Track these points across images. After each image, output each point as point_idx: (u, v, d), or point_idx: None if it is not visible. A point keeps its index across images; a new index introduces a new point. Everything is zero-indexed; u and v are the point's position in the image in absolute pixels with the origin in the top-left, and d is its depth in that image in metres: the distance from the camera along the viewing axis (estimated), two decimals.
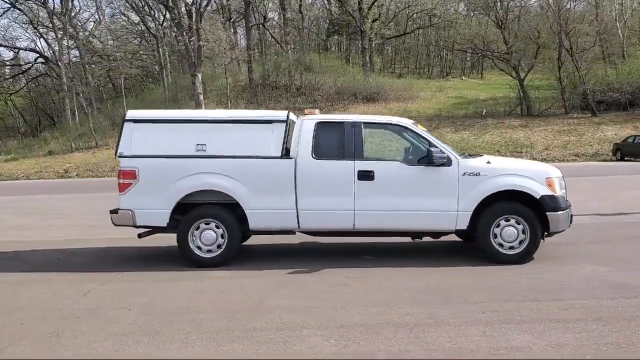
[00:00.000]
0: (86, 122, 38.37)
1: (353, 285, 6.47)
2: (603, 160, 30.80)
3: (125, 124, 7.65)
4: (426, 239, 7.99)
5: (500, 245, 7.38)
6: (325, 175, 7.46)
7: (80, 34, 46.44)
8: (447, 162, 7.36)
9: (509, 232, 7.35)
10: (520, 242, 7.37)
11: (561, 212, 7.37)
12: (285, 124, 7.57)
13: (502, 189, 7.33)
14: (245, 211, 7.44)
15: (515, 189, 7.34)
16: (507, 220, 7.37)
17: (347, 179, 7.41)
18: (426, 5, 51.35)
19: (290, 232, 7.83)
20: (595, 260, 7.45)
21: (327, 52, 53.00)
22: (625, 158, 29.42)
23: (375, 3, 47.30)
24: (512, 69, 39.61)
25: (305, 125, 7.60)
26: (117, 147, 7.61)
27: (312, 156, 7.46)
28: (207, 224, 7.51)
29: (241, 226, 7.55)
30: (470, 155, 8.43)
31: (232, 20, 43.15)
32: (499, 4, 40.26)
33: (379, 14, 49.70)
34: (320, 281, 6.66)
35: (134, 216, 7.50)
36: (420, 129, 7.73)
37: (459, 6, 53.92)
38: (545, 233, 7.48)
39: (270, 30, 49.80)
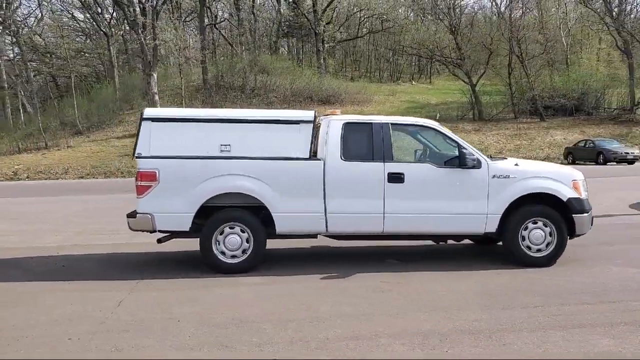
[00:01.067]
0: (32, 122, 36.64)
1: (395, 290, 6.31)
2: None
3: (143, 122, 7.24)
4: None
5: (528, 247, 7.39)
6: (354, 177, 7.27)
7: (22, 30, 44.29)
8: (477, 164, 7.32)
9: (536, 234, 7.37)
10: (547, 245, 7.40)
11: (586, 214, 7.46)
12: (312, 124, 7.35)
13: (531, 192, 7.35)
14: (272, 214, 7.16)
15: (545, 191, 7.37)
16: (535, 222, 7.39)
17: (377, 181, 7.25)
18: (377, 9, 51.80)
19: (314, 236, 7.63)
20: (616, 261, 7.57)
21: (277, 54, 52.73)
22: (577, 162, 30.48)
23: (329, 6, 47.39)
24: (464, 74, 40.43)
25: (333, 126, 7.39)
26: (134, 147, 7.18)
27: (341, 158, 7.26)
28: (231, 228, 7.19)
29: (266, 230, 7.27)
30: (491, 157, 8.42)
31: (184, 20, 42.24)
32: (452, 10, 41.04)
33: (332, 17, 49.81)
34: (359, 286, 6.47)
35: (154, 220, 7.10)
36: (447, 131, 7.65)
37: (409, 12, 54.63)
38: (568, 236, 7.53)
39: (221, 31, 49.05)
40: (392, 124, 7.54)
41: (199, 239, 7.23)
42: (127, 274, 7.21)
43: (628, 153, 29.62)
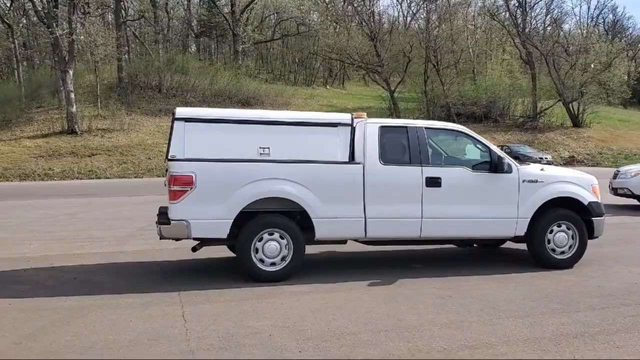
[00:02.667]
0: None
1: (453, 296, 6.26)
2: None
3: (176, 122, 6.75)
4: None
5: (553, 250, 7.64)
6: (393, 181, 7.19)
7: None
8: (509, 169, 7.47)
9: (560, 237, 7.63)
10: (570, 247, 7.68)
11: (603, 217, 7.83)
12: (351, 127, 7.19)
13: (557, 196, 7.61)
14: (313, 220, 6.92)
15: (570, 195, 7.65)
16: (559, 226, 7.65)
17: (416, 185, 7.22)
18: (292, 13, 51.87)
19: (344, 241, 7.50)
20: (632, 262, 7.99)
21: (190, 54, 51.43)
22: None
23: (248, 7, 46.86)
24: (383, 80, 41.39)
25: (369, 129, 7.27)
26: (167, 148, 6.68)
27: (380, 162, 7.16)
28: (270, 234, 6.87)
29: (305, 236, 7.02)
30: None
31: (98, 16, 40.11)
32: (372, 18, 41.92)
33: (247, 18, 49.28)
34: (415, 293, 6.37)
35: (189, 227, 6.63)
36: (477, 135, 7.75)
37: (323, 18, 55.06)
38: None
39: (133, 29, 47.07)
40: (425, 127, 7.54)
41: (235, 246, 6.89)
42: (157, 286, 6.69)
43: (542, 158, 31.59)
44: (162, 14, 46.24)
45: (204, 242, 7.02)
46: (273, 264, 6.88)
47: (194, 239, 6.82)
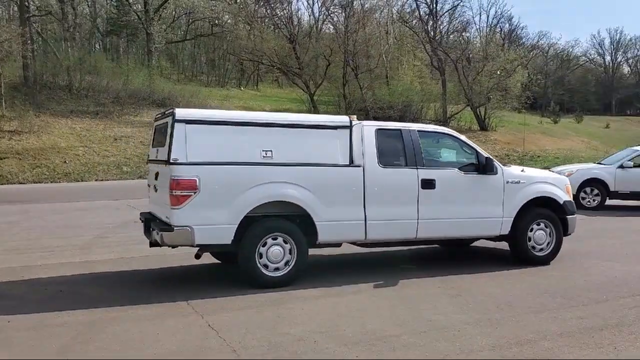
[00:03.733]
0: None
1: (462, 294, 6.42)
2: None
3: (176, 125, 6.47)
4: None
5: (533, 247, 8.01)
6: (391, 184, 7.27)
7: None
8: (495, 170, 7.76)
9: (539, 235, 8.03)
10: (548, 244, 8.09)
11: (575, 215, 8.31)
12: (350, 129, 7.19)
13: (537, 196, 8.00)
14: (316, 223, 6.86)
15: (548, 195, 8.06)
16: (538, 224, 8.04)
17: (412, 187, 7.34)
18: (206, 13, 50.94)
19: (339, 244, 7.52)
20: (598, 256, 8.52)
21: (96, 53, 49.18)
22: None
23: (162, 6, 45.49)
24: (303, 83, 41.54)
25: (367, 131, 7.31)
26: (169, 151, 6.39)
27: (379, 164, 7.21)
28: (274, 239, 6.74)
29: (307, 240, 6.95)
30: None
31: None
32: (291, 20, 41.95)
33: (160, 17, 47.82)
34: (427, 294, 6.48)
35: (193, 234, 6.37)
36: (465, 138, 7.99)
37: (237, 19, 54.45)
38: None
39: (37, 26, 44.35)
40: (418, 130, 7.68)
41: (238, 251, 6.70)
42: (159, 295, 6.36)
43: None
44: (69, 10, 43.92)
45: (204, 248, 6.76)
46: (277, 269, 6.75)
47: (197, 245, 6.54)
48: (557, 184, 8.25)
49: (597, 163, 15.87)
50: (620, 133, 68.97)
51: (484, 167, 7.68)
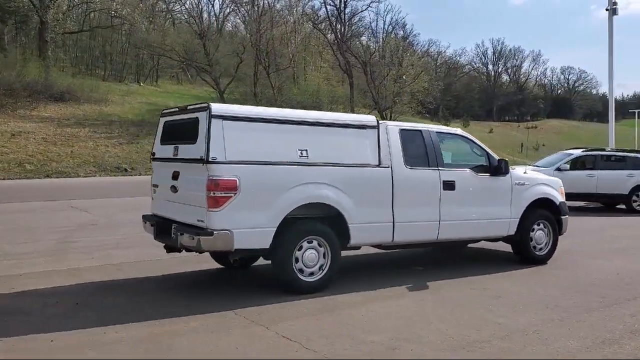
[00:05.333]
0: None
1: (503, 296, 6.43)
2: None
3: (213, 120, 5.99)
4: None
5: (534, 247, 8.27)
6: (417, 185, 7.21)
7: None
8: (507, 172, 7.92)
9: (539, 235, 8.31)
10: (546, 244, 8.38)
11: (568, 216, 8.67)
12: (377, 129, 7.03)
13: (539, 197, 8.25)
14: (349, 225, 6.64)
15: (548, 197, 8.35)
16: (538, 224, 8.30)
17: (435, 188, 7.32)
18: (106, 4, 48.44)
19: (358, 247, 7.33)
20: (589, 254, 8.95)
21: None
22: None
23: None
24: (213, 80, 40.59)
25: (391, 131, 7.19)
26: (207, 149, 5.89)
27: (405, 165, 7.12)
28: (309, 242, 6.44)
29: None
30: None
31: None
32: (201, 15, 40.81)
33: (55, 4, 44.73)
34: (467, 295, 6.48)
35: (233, 237, 5.94)
36: (476, 140, 8.07)
37: (135, 11, 52.15)
38: None
39: None
40: (436, 131, 7.67)
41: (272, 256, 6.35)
42: (196, 305, 5.86)
43: None
44: None
45: (240, 253, 6.30)
46: (312, 273, 6.45)
47: (235, 250, 6.09)
48: (554, 185, 8.57)
49: (534, 166, 16.75)
50: (503, 138, 73.73)
51: (495, 168, 7.81)
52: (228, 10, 55.01)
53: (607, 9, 19.39)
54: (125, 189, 18.94)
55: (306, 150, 6.45)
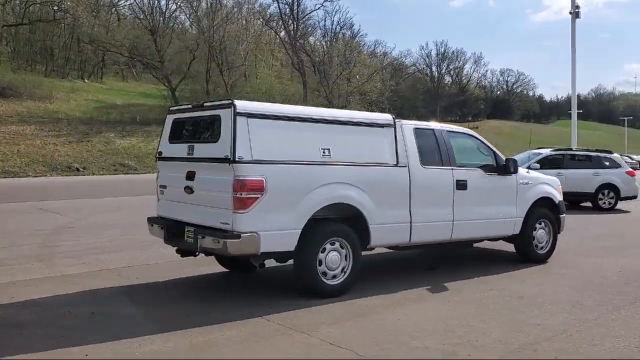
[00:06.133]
0: None
1: (526, 297, 6.35)
2: None
3: (238, 118, 5.70)
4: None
5: (536, 246, 8.32)
6: (432, 184, 7.11)
7: None
8: (515, 171, 7.93)
9: (541, 234, 8.37)
10: (547, 242, 8.46)
11: (565, 215, 8.78)
12: (394, 128, 6.90)
13: (541, 196, 8.31)
14: (369, 226, 6.47)
15: (549, 196, 8.42)
16: (540, 223, 8.37)
17: (449, 188, 7.25)
18: None
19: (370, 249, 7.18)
20: (585, 253, 9.09)
21: None
22: None
23: None
24: (164, 77, 39.58)
25: (406, 130, 7.06)
26: (232, 148, 5.60)
27: (421, 164, 7.01)
28: (332, 244, 6.24)
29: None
30: None
31: None
32: (153, 11, 39.66)
33: None
34: (491, 296, 6.36)
35: (259, 240, 5.67)
36: (484, 139, 8.05)
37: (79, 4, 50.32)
38: None
39: None
40: (446, 130, 7.60)
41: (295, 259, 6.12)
42: (222, 311, 5.56)
43: None
44: None
45: (264, 256, 6.00)
46: (334, 276, 6.25)
47: (262, 253, 5.81)
48: (553, 184, 8.66)
49: None
50: None
51: (503, 167, 7.81)
52: (174, 7, 53.88)
53: (570, 12, 20.00)
54: (86, 190, 18.23)
55: (328, 149, 6.25)
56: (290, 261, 6.33)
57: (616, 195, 16.10)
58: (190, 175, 6.19)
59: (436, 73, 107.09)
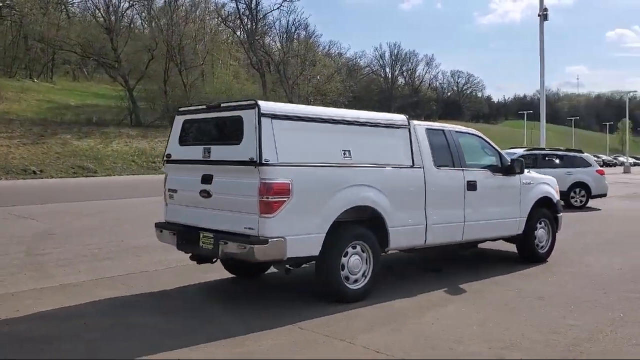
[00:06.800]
0: None
1: (546, 298, 6.30)
2: None
3: (263, 119, 5.50)
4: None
5: (537, 245, 8.39)
6: (445, 185, 7.06)
7: None
8: (521, 171, 7.96)
9: (541, 233, 8.44)
10: (546, 242, 8.53)
11: (562, 214, 8.89)
12: (409, 128, 6.81)
13: (542, 196, 8.37)
14: (388, 229, 6.36)
15: (548, 195, 8.49)
16: (540, 223, 8.43)
17: (461, 189, 7.22)
18: None
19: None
20: (578, 252, 9.21)
21: None
22: None
23: None
24: (122, 77, 38.55)
25: (419, 131, 6.98)
26: (259, 151, 5.39)
27: (435, 165, 6.95)
28: (354, 247, 6.10)
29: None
30: None
31: None
32: (108, 9, 38.54)
33: None
34: (511, 298, 6.34)
35: (286, 245, 5.48)
36: (489, 140, 8.05)
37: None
38: None
39: None
40: (455, 131, 7.57)
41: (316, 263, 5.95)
42: (247, 320, 5.34)
43: None
44: None
45: (288, 261, 5.79)
46: (355, 280, 6.11)
47: (288, 259, 5.61)
48: (552, 184, 8.74)
49: None
50: None
51: (507, 167, 7.82)
52: (127, 5, 52.53)
53: (539, 15, 20.43)
54: (51, 194, 17.51)
55: (349, 150, 6.11)
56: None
57: (587, 193, 16.52)
58: (207, 179, 5.94)
59: (390, 74, 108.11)
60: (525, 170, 8.49)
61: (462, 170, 7.25)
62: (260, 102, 5.58)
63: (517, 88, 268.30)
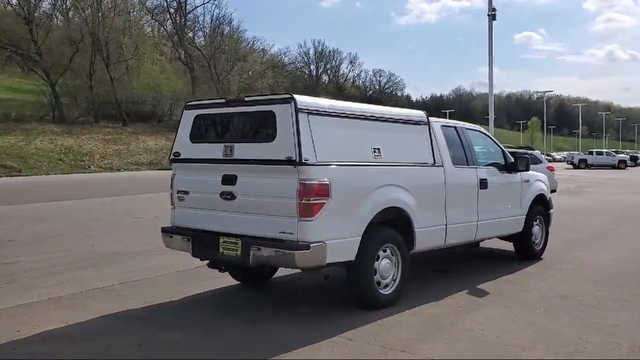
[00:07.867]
0: None
1: (569, 297, 6.17)
2: (162, 169, 32.10)
3: (300, 115, 5.07)
4: None
5: (533, 242, 8.38)
6: (462, 184, 6.86)
7: None
8: (527, 169, 7.91)
9: (536, 230, 8.44)
10: (541, 238, 8.55)
11: (552, 210, 8.95)
12: (428, 125, 6.56)
13: (538, 193, 8.36)
14: (415, 231, 6.08)
15: (543, 192, 8.50)
16: (536, 220, 8.43)
17: (475, 187, 7.06)
18: None
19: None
20: (574, 248, 9.28)
21: None
22: None
23: None
24: (43, 71, 36.28)
25: (436, 128, 6.75)
26: (298, 149, 4.95)
27: (453, 163, 6.74)
28: (384, 250, 5.78)
29: None
30: None
31: None
32: None
33: None
34: (538, 299, 6.15)
35: (326, 250, 5.09)
36: (492, 136, 7.93)
37: None
38: None
39: None
40: (465, 128, 7.40)
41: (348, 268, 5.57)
42: (282, 331, 4.92)
43: None
44: None
45: (326, 267, 5.36)
46: (386, 285, 5.80)
47: (327, 265, 5.20)
48: (545, 181, 8.76)
49: None
50: None
51: (511, 165, 7.74)
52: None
53: (488, 15, 20.76)
54: None
55: (379, 148, 5.77)
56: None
57: None
58: (230, 179, 5.43)
59: (314, 71, 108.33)
60: None
61: (475, 168, 7.08)
62: (296, 97, 5.14)
63: (433, 88, 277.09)
